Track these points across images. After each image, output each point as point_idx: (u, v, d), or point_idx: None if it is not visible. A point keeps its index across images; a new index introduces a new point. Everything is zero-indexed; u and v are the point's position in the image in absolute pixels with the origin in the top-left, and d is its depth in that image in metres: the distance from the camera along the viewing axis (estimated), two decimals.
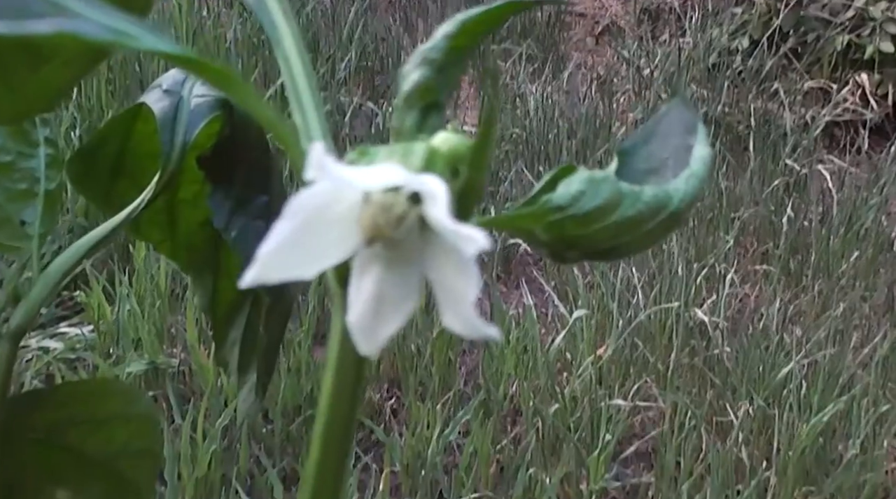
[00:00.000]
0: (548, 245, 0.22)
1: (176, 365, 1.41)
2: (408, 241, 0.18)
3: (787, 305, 1.75)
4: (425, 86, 0.21)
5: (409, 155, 0.19)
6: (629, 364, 1.50)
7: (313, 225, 0.18)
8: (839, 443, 1.42)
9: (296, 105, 0.21)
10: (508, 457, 1.31)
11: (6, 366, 0.37)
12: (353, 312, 0.19)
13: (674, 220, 0.24)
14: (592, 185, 0.21)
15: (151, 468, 0.54)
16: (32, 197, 0.38)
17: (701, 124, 0.27)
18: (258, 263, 0.17)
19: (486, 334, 0.17)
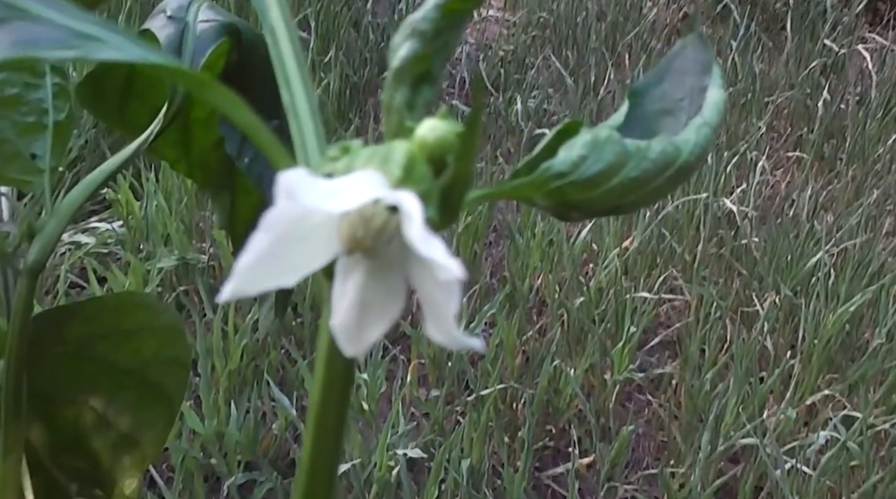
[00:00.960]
0: (549, 208, 0.21)
1: (205, 260, 1.43)
2: (390, 249, 0.18)
3: (819, 192, 1.72)
4: (416, 58, 0.20)
5: (388, 161, 0.18)
6: (655, 255, 1.50)
7: (291, 236, 0.17)
8: (865, 331, 1.42)
9: (284, 85, 0.20)
10: (534, 349, 1.33)
11: (26, 301, 0.38)
12: (337, 317, 0.18)
13: (682, 173, 0.23)
14: (595, 148, 0.21)
15: (181, 376, 0.56)
16: (42, 129, 0.38)
17: (716, 65, 0.26)
18: (236, 276, 0.17)
19: (469, 346, 0.17)
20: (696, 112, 0.26)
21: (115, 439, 0.55)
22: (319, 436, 0.20)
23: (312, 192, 0.16)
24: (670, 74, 0.27)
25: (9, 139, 0.36)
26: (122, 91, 0.45)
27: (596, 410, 1.25)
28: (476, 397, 1.23)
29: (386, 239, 0.17)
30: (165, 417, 0.55)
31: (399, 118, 0.20)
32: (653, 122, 0.27)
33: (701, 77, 0.27)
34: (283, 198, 0.16)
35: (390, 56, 0.21)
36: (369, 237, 0.17)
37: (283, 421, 1.20)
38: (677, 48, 0.28)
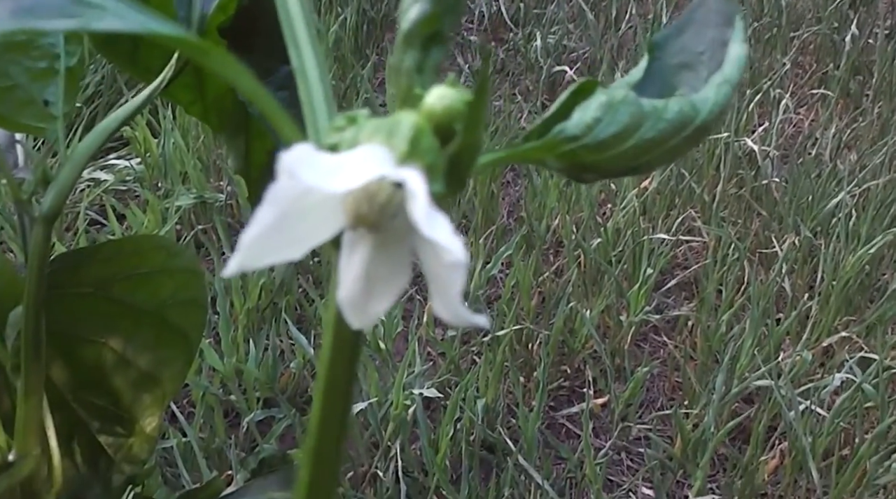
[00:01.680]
0: (563, 170, 0.21)
1: (223, 199, 1.43)
2: (395, 223, 0.18)
3: (844, 131, 1.69)
4: (426, 19, 0.19)
5: (393, 134, 0.17)
6: (674, 196, 1.49)
7: (296, 210, 0.17)
8: (885, 273, 1.41)
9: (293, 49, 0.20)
10: (550, 290, 1.33)
11: (42, 248, 0.38)
12: (343, 290, 0.18)
13: (700, 133, 0.23)
14: (610, 110, 0.20)
15: (198, 317, 0.57)
16: (53, 75, 0.37)
17: (740, 17, 0.25)
18: (242, 250, 0.16)
19: (473, 323, 0.17)
20: (716, 67, 0.26)
21: (136, 377, 0.56)
22: (328, 401, 0.20)
23: (314, 169, 0.15)
24: (691, 26, 0.27)
25: (21, 85, 0.36)
26: (132, 36, 0.45)
27: (611, 350, 1.25)
28: (492, 337, 1.24)
29: (391, 214, 0.17)
30: (184, 356, 0.56)
31: (408, 82, 0.19)
32: (672, 76, 0.26)
33: (723, 30, 0.26)
34: (283, 176, 0.15)
35: (399, 18, 0.20)
36: (374, 213, 0.17)
37: (301, 359, 1.22)
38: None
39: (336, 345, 0.20)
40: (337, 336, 0.20)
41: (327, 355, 0.20)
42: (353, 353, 0.20)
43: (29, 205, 0.36)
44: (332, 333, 0.20)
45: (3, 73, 0.35)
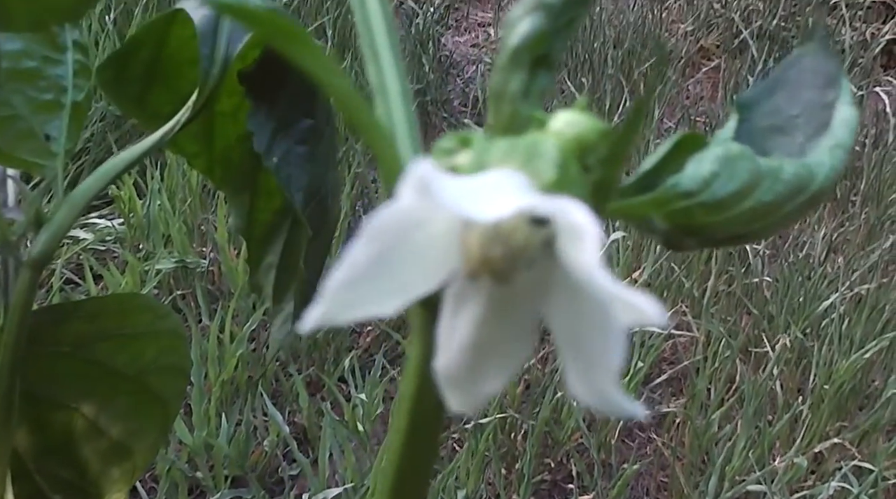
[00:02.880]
0: (665, 233, 0.18)
1: (205, 264, 1.39)
2: (526, 274, 0.14)
3: (832, 234, 1.69)
4: (538, 37, 0.16)
5: (534, 158, 0.14)
6: (664, 289, 1.47)
7: (397, 251, 0.13)
8: (876, 378, 1.39)
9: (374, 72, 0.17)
10: (536, 377, 1.29)
11: (27, 295, 0.34)
12: (445, 360, 0.14)
13: (815, 200, 0.20)
14: (728, 164, 0.17)
15: (179, 384, 0.53)
16: (59, 108, 0.34)
17: (845, 79, 0.23)
18: (328, 297, 0.13)
19: (629, 413, 0.13)
20: (814, 131, 0.23)
21: (106, 447, 0.51)
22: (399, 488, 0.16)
23: (454, 190, 0.12)
24: (784, 86, 0.24)
25: (22, 116, 0.32)
26: (145, 75, 0.42)
27: (598, 444, 1.21)
28: (475, 424, 1.19)
29: (525, 262, 0.13)
30: (160, 426, 0.52)
31: (512, 108, 0.16)
32: (763, 140, 0.24)
33: (823, 91, 0.23)
34: (409, 193, 0.12)
35: (506, 32, 0.17)
36: (507, 258, 0.13)
37: (275, 437, 1.16)
38: (792, 58, 0.24)
39: (413, 428, 0.16)
40: (414, 418, 0.16)
41: (401, 441, 0.16)
42: (433, 442, 0.16)
43: (17, 248, 0.32)
44: (409, 412, 0.16)
45: (5, 101, 0.32)
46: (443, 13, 2.21)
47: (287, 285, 0.51)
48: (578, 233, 0.12)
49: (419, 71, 1.96)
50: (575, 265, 0.12)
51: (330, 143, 0.43)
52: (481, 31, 2.28)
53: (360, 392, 1.19)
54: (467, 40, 2.24)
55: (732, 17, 2.40)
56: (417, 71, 1.96)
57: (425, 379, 0.15)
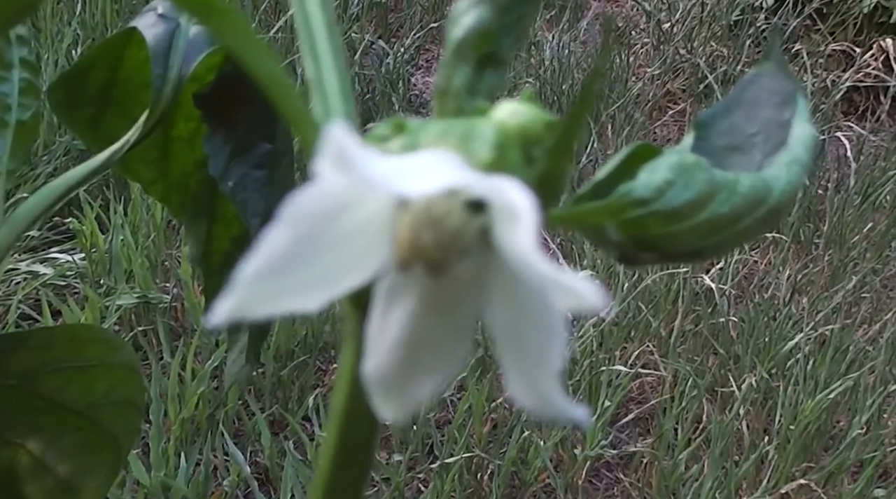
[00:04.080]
0: (620, 245, 0.17)
1: (168, 300, 1.37)
2: (462, 265, 0.13)
3: (797, 275, 1.70)
4: (483, 31, 0.16)
5: (470, 139, 0.13)
6: (631, 328, 1.47)
7: (322, 236, 0.12)
8: (842, 418, 1.39)
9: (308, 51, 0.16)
10: (503, 417, 1.28)
11: None
12: (374, 361, 0.13)
13: (772, 215, 0.19)
14: (683, 173, 0.17)
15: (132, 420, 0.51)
16: (2, 127, 0.33)
17: (802, 96, 0.23)
18: (240, 288, 0.12)
19: (571, 417, 0.12)
20: (772, 149, 0.23)
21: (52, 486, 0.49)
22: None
23: (379, 165, 0.11)
24: (741, 106, 0.24)
25: None
26: (99, 97, 0.41)
27: (565, 485, 1.19)
28: (440, 464, 1.17)
29: (460, 249, 0.12)
30: (111, 464, 0.50)
31: (457, 103, 0.15)
32: (721, 159, 0.23)
33: (779, 110, 0.23)
34: (328, 166, 0.11)
35: (450, 26, 0.16)
36: (440, 245, 0.12)
37: (235, 477, 1.14)
38: (749, 77, 0.24)
39: (344, 443, 0.15)
40: (345, 431, 0.15)
41: (330, 459, 0.15)
42: (364, 458, 0.15)
43: None
44: (340, 427, 0.15)
45: None
46: (413, 53, 2.23)
47: None
48: (514, 214, 0.11)
49: (388, 110, 1.96)
50: (510, 250, 0.11)
51: (289, 168, 0.42)
52: None
53: (325, 431, 1.16)
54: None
55: (698, 62, 2.44)
56: (387, 110, 1.97)
57: (358, 388, 0.14)
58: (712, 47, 2.55)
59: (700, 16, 2.60)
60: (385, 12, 2.33)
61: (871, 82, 2.57)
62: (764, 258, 1.81)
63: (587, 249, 1.60)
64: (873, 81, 2.57)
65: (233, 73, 0.37)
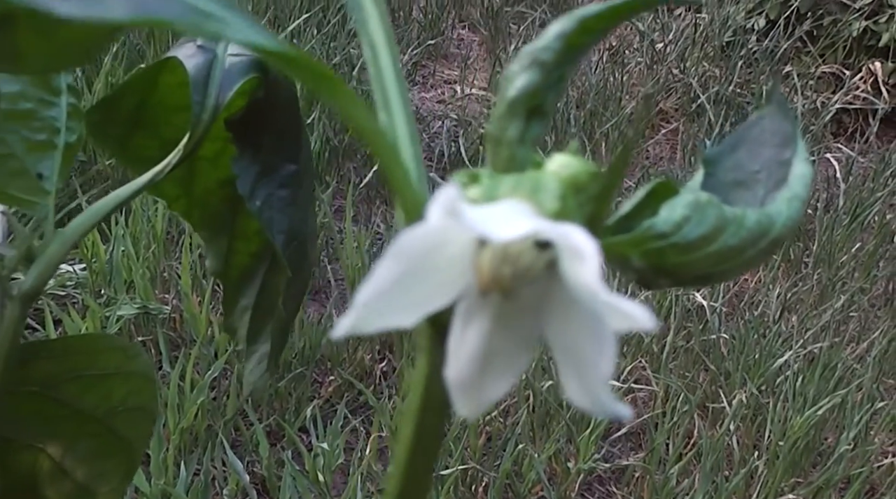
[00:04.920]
0: (640, 271, 0.19)
1: (167, 311, 1.38)
2: (528, 292, 0.16)
3: (786, 293, 1.73)
4: (533, 91, 0.18)
5: (539, 192, 0.16)
6: (624, 344, 1.49)
7: (419, 269, 0.15)
8: (830, 435, 1.42)
9: (382, 104, 0.19)
10: (497, 429, 1.30)
11: (16, 328, 0.35)
12: (454, 368, 0.16)
13: (774, 245, 0.22)
14: (698, 210, 0.19)
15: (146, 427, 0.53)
16: (51, 149, 0.35)
17: (800, 138, 0.25)
18: (356, 310, 0.14)
19: (616, 415, 0.15)
20: (773, 186, 0.25)
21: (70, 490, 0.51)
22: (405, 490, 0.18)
23: (476, 214, 0.13)
24: (745, 144, 0.26)
25: (17, 155, 0.33)
26: (131, 120, 0.43)
27: (558, 497, 1.21)
28: (436, 476, 1.19)
29: (530, 280, 0.15)
30: (125, 469, 0.52)
31: (510, 152, 0.18)
32: (727, 193, 0.26)
33: (780, 149, 0.26)
34: (438, 215, 0.13)
35: (504, 85, 0.19)
36: (515, 277, 0.15)
37: (234, 486, 1.15)
38: (753, 118, 0.27)
39: (418, 436, 0.18)
40: (420, 426, 0.18)
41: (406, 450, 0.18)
42: (435, 448, 0.18)
43: (7, 282, 0.33)
44: (415, 422, 0.18)
45: (1, 140, 0.33)
46: (410, 70, 2.26)
47: (261, 327, 0.51)
48: (580, 253, 0.14)
49: None
50: (577, 281, 0.14)
51: (309, 190, 0.45)
52: (447, 87, 2.33)
53: (322, 442, 1.18)
54: (433, 96, 2.29)
55: (690, 82, 2.48)
56: None
57: (431, 392, 0.17)
58: (704, 67, 2.59)
59: (693, 36, 2.64)
60: None
61: (860, 104, 2.61)
62: (754, 277, 1.84)
63: None
64: (862, 104, 2.61)
65: (262, 100, 0.39)
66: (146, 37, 1.82)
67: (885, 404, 1.43)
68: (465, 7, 2.58)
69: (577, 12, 0.19)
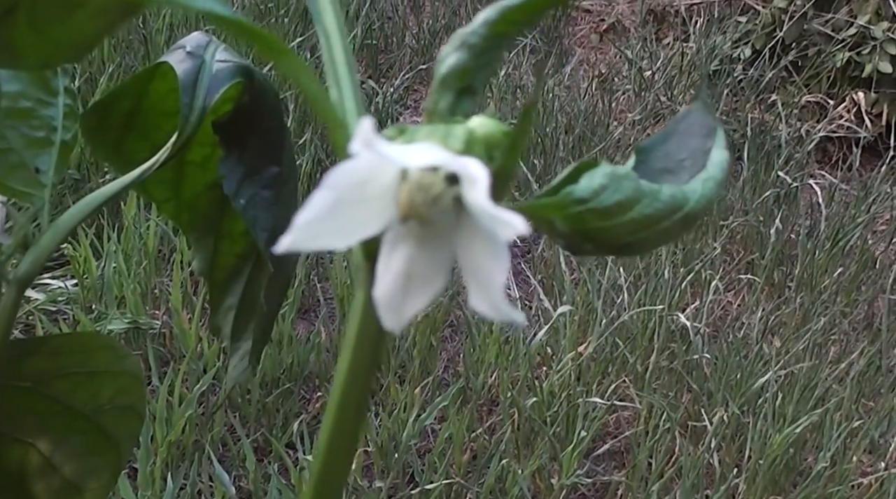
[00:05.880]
0: (566, 236, 0.22)
1: (157, 327, 1.41)
2: (441, 220, 0.19)
3: (769, 316, 1.76)
4: (462, 69, 0.21)
5: (449, 136, 0.19)
6: (608, 363, 1.51)
7: (350, 198, 0.18)
8: (809, 454, 1.44)
9: (333, 81, 0.22)
10: (482, 446, 1.32)
11: (11, 311, 0.38)
12: (381, 288, 0.19)
13: (689, 220, 0.25)
14: (614, 180, 0.22)
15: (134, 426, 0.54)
16: (48, 145, 0.38)
17: (721, 129, 0.28)
18: (295, 230, 0.17)
19: (513, 319, 0.18)
20: (697, 172, 0.28)
21: (59, 485, 0.53)
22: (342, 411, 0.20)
23: (388, 146, 0.16)
24: (675, 136, 0.29)
25: (16, 150, 0.36)
26: (124, 124, 0.46)
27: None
28: (421, 490, 1.21)
29: (441, 208, 0.18)
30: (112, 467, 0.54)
31: (442, 121, 0.21)
32: (655, 178, 0.28)
33: (704, 140, 0.28)
34: (359, 144, 0.16)
35: (437, 64, 0.22)
36: (427, 204, 0.18)
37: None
38: (682, 113, 0.30)
39: (356, 358, 0.20)
40: (357, 349, 0.20)
41: (346, 366, 0.20)
42: (373, 363, 0.21)
43: (5, 267, 0.36)
44: (354, 345, 0.20)
45: (1, 136, 0.36)
46: (402, 93, 2.30)
47: (245, 325, 0.54)
48: (473, 179, 0.17)
49: None
50: (473, 203, 0.17)
51: (293, 191, 0.47)
52: None
53: (308, 456, 1.20)
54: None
55: (677, 109, 2.52)
56: None
57: (366, 320, 0.20)
58: (691, 95, 2.64)
59: (680, 65, 2.70)
60: (375, 53, 2.40)
61: (843, 133, 2.66)
62: (738, 299, 1.87)
63: (567, 286, 1.65)
64: (846, 132, 2.66)
65: (247, 105, 0.42)
66: (142, 58, 1.86)
67: (861, 422, 1.45)
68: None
69: (500, 3, 0.22)
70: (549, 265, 1.78)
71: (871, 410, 1.56)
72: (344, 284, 1.52)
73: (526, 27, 0.23)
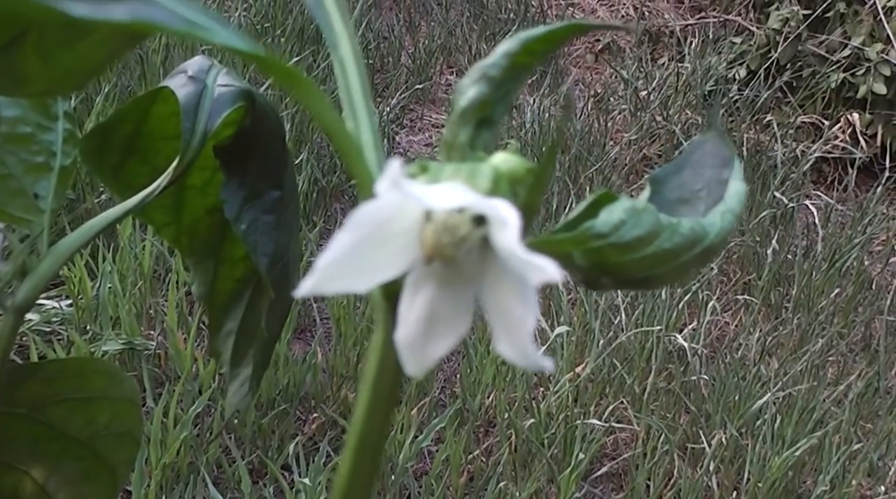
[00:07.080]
0: (584, 270, 0.22)
1: (153, 347, 1.39)
2: (466, 261, 0.18)
3: (766, 337, 1.76)
4: (482, 101, 0.21)
5: (475, 176, 0.19)
6: (606, 384, 1.50)
7: (374, 239, 0.17)
8: (808, 477, 1.43)
9: (349, 111, 0.21)
10: (479, 468, 1.30)
11: (9, 338, 0.37)
12: (403, 332, 0.18)
13: (708, 254, 0.24)
14: (634, 215, 0.21)
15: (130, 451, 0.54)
16: (47, 171, 0.37)
17: (737, 159, 0.27)
18: (317, 273, 0.17)
19: (540, 366, 0.17)
20: (714, 202, 0.27)
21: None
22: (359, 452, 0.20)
23: (417, 187, 0.16)
24: (689, 166, 0.29)
25: (15, 176, 0.36)
26: (124, 148, 0.45)
27: None
28: None
29: (467, 249, 0.18)
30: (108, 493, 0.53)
31: (461, 155, 0.20)
32: (671, 210, 0.28)
33: (720, 170, 0.28)
34: (387, 185, 0.16)
35: (456, 96, 0.21)
36: (453, 245, 0.17)
37: None
38: (696, 142, 0.29)
39: (374, 396, 0.20)
40: (376, 388, 0.20)
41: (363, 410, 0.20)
42: (390, 403, 0.20)
43: (3, 294, 0.35)
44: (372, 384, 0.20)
45: (0, 161, 0.35)
46: (398, 113, 2.30)
47: (245, 350, 0.53)
48: (504, 221, 0.16)
49: None
50: (502, 245, 0.16)
51: (294, 214, 0.47)
52: (435, 131, 2.37)
53: (304, 478, 1.19)
54: (421, 139, 2.33)
55: (673, 129, 2.53)
56: None
57: (385, 359, 0.19)
58: (687, 115, 2.65)
59: (676, 85, 2.70)
60: (371, 73, 2.41)
61: (839, 154, 2.67)
62: (735, 320, 1.86)
63: (564, 307, 1.64)
64: (841, 153, 2.67)
65: (249, 129, 0.42)
66: (138, 78, 1.86)
67: (860, 445, 1.44)
68: (452, 54, 2.64)
69: (520, 35, 0.22)
70: (546, 285, 1.77)
71: (869, 432, 1.55)
72: (340, 305, 1.51)
73: (544, 58, 0.22)
